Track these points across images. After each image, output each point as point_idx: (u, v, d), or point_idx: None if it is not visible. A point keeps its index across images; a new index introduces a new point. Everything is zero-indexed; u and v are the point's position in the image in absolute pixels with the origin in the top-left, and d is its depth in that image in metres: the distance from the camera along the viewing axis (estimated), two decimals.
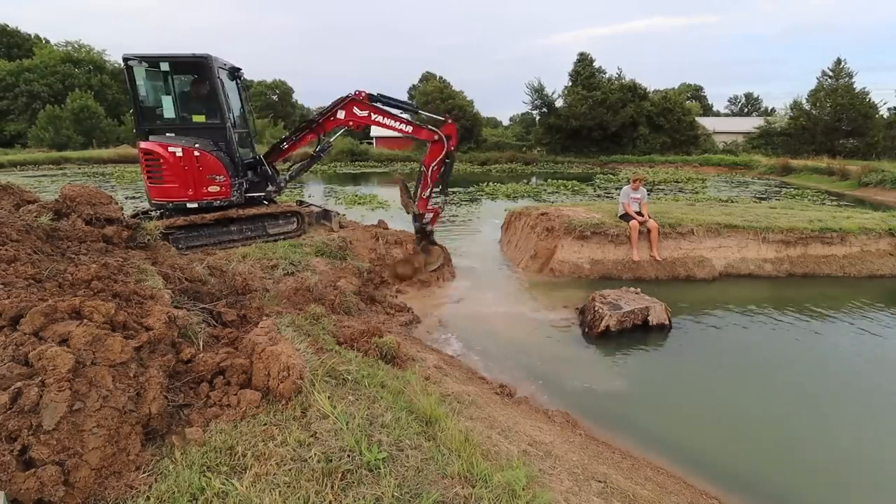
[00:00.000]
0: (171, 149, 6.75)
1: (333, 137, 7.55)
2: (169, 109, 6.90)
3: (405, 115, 7.36)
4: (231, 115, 7.22)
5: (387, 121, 7.10)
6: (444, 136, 7.00)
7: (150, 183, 6.89)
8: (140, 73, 6.66)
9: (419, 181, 7.23)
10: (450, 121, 7.20)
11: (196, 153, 6.83)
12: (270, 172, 7.74)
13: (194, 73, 7.04)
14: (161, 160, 6.74)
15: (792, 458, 3.77)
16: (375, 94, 7.07)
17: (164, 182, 6.81)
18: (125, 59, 6.55)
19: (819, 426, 4.25)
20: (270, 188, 7.75)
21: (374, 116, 7.03)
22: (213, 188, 7.02)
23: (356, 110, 6.98)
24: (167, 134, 6.85)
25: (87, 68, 44.19)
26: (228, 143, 7.13)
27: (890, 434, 4.11)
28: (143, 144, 6.76)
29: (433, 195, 7.37)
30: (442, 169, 7.11)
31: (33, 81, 40.07)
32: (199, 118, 7.12)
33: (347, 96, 6.97)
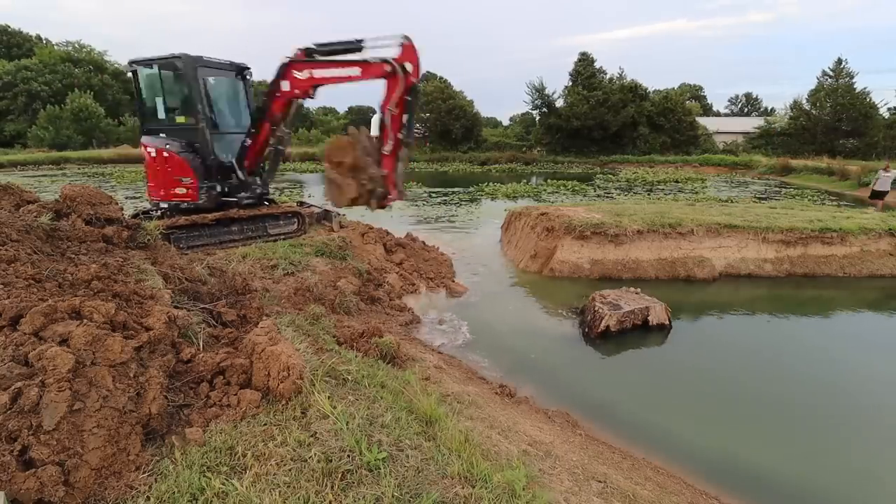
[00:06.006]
0: (148, 148, 6.88)
1: (290, 121, 6.70)
2: (161, 110, 7.09)
3: (350, 57, 5.69)
4: (213, 115, 7.01)
5: (331, 72, 5.70)
6: (398, 66, 5.06)
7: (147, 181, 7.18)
8: (143, 74, 6.90)
9: (380, 131, 5.20)
10: (405, 42, 5.12)
11: (165, 153, 6.76)
12: (243, 177, 7.20)
13: (174, 72, 6.82)
14: (145, 159, 7.03)
15: (792, 457, 3.76)
16: (312, 45, 5.83)
17: (147, 181, 7.11)
18: (130, 63, 6.91)
19: (819, 425, 4.25)
20: (243, 194, 7.32)
21: (316, 73, 5.76)
22: (180, 190, 6.84)
23: (296, 74, 5.82)
24: (160, 134, 6.98)
25: (88, 68, 44.13)
26: (203, 144, 6.85)
27: (890, 433, 4.11)
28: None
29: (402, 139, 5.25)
30: (405, 111, 5.18)
31: (32, 80, 40.02)
32: (180, 119, 7.06)
33: (284, 62, 5.89)
